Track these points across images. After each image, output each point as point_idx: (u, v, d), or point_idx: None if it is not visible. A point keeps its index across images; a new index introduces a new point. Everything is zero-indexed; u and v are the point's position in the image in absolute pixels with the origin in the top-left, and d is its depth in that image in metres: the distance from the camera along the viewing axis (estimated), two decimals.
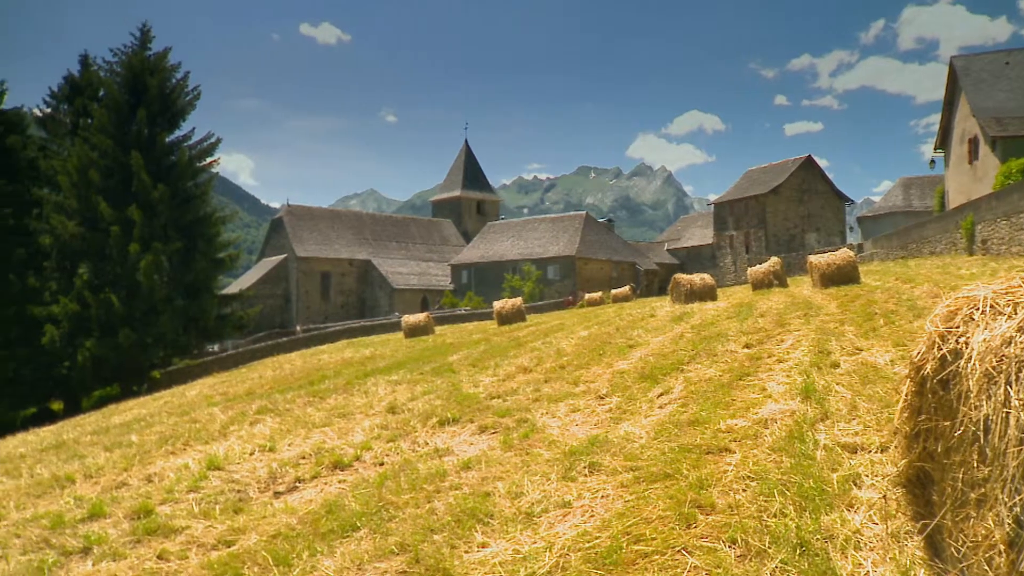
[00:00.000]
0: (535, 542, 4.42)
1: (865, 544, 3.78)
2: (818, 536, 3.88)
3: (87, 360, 37.43)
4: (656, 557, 3.95)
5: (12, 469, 10.81)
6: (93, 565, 5.11)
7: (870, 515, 4.09)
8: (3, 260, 39.71)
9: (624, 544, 4.13)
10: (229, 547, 5.19)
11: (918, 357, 3.05)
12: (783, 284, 23.16)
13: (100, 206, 38.59)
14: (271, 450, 8.30)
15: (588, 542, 4.27)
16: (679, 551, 3.98)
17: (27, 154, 43.06)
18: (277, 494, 6.59)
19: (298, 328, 58.81)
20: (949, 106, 38.51)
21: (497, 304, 29.17)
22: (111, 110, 41.07)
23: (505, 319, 27.79)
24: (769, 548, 3.83)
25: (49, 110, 46.46)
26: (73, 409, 37.75)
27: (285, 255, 69.97)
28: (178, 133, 43.61)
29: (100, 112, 40.86)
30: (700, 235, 79.15)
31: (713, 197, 76.45)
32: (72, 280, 39.76)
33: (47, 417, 33.83)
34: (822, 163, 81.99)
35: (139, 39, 43.49)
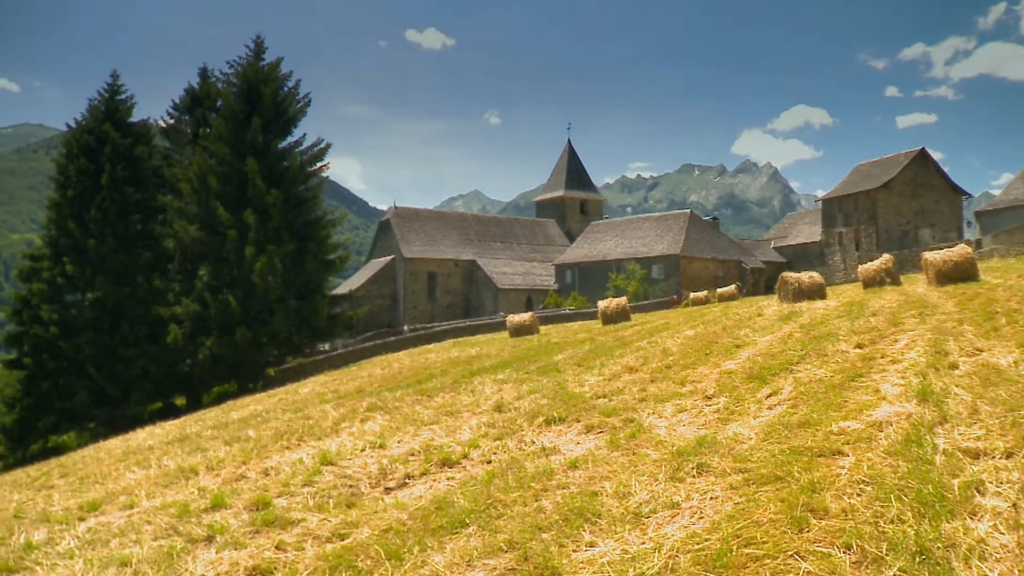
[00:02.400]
0: (643, 543, 4.40)
1: (991, 555, 3.62)
2: (939, 544, 3.74)
3: (207, 358, 39.12)
4: (767, 561, 3.88)
5: (142, 460, 11.43)
6: (216, 553, 5.33)
7: (996, 524, 3.92)
8: (131, 263, 41.99)
9: (734, 547, 4.07)
10: (343, 540, 5.34)
11: None
12: (896, 282, 22.29)
13: (218, 211, 40.27)
14: (381, 447, 8.50)
15: (697, 544, 4.23)
16: (791, 556, 3.91)
17: (152, 163, 45.46)
18: (388, 490, 6.75)
19: (405, 328, 59.92)
20: None
21: (602, 303, 29.06)
22: (228, 119, 42.77)
23: (610, 318, 27.66)
24: (887, 555, 3.71)
25: (172, 121, 48.84)
26: (195, 404, 39.59)
27: (393, 256, 71.36)
28: (290, 139, 45.03)
29: (218, 121, 42.65)
30: (808, 232, 76.90)
31: (821, 193, 74.29)
32: (193, 282, 41.67)
33: (171, 412, 35.57)
34: (936, 156, 78.76)
35: (253, 50, 45.14)
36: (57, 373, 39.52)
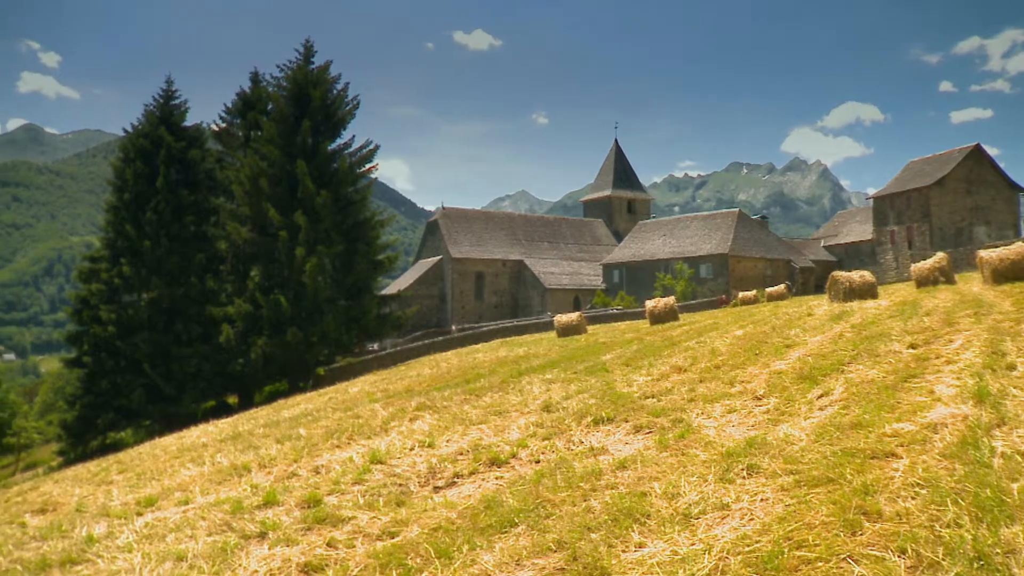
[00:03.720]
0: (693, 544, 4.38)
1: None
2: (998, 550, 3.66)
3: (259, 357, 39.78)
4: (820, 564, 3.84)
5: (196, 457, 11.66)
6: (269, 549, 5.43)
7: None
8: (186, 264, 42.84)
9: (786, 549, 4.03)
10: (393, 538, 5.40)
11: None
12: (950, 281, 21.79)
13: (269, 212, 40.90)
14: (430, 446, 8.56)
15: (748, 546, 4.19)
16: (844, 559, 3.86)
17: (206, 166, 46.37)
18: (437, 488, 6.80)
19: (453, 327, 60.21)
20: None
21: (649, 303, 28.89)
22: (278, 122, 43.40)
23: (657, 318, 27.50)
24: (943, 560, 3.65)
25: (224, 124, 49.72)
26: (247, 403, 40.29)
27: (440, 256, 71.75)
28: (339, 141, 45.59)
29: (268, 124, 43.30)
30: (859, 231, 75.58)
31: (872, 191, 72.76)
32: (245, 282, 42.38)
33: (224, 410, 36.22)
34: (992, 152, 76.47)
35: (302, 54, 45.76)
36: (115, 371, 40.46)
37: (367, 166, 45.81)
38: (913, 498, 4.50)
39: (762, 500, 4.98)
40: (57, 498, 10.49)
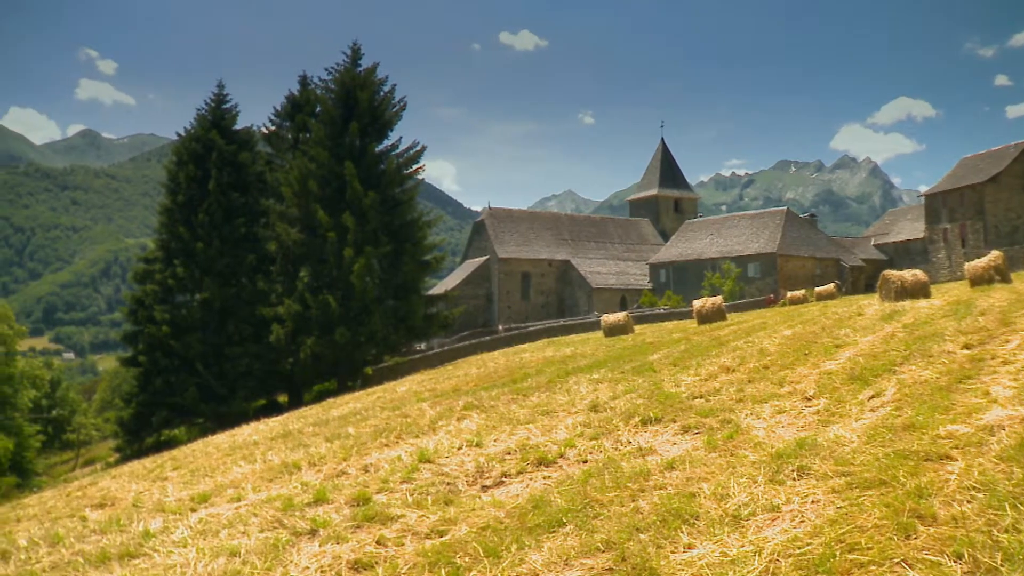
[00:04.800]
0: (743, 545, 4.35)
1: None
2: None
3: (308, 356, 40.27)
4: (873, 568, 3.79)
5: (248, 455, 11.86)
6: (320, 546, 5.51)
7: None
8: (236, 265, 43.59)
9: (838, 552, 3.99)
10: (441, 537, 5.44)
11: None
12: (1006, 280, 21.25)
13: (318, 214, 41.38)
14: (478, 445, 8.61)
15: (799, 548, 4.15)
16: (898, 563, 3.80)
17: (256, 168, 47.10)
18: (484, 488, 6.84)
19: (500, 327, 60.29)
20: None
21: (697, 303, 28.67)
22: (326, 124, 43.89)
23: (705, 318, 27.26)
24: (1001, 566, 3.58)
25: (273, 127, 50.51)
26: (296, 401, 40.84)
27: (487, 256, 71.88)
28: (386, 143, 45.93)
29: (317, 127, 43.82)
30: (910, 229, 74.04)
31: (924, 188, 71.27)
32: (294, 283, 42.90)
33: (274, 408, 36.70)
34: None
35: (350, 57, 46.15)
36: (169, 370, 41.25)
37: (414, 167, 46.07)
38: (969, 502, 4.42)
39: (813, 502, 4.92)
40: (115, 493, 10.75)
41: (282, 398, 45.52)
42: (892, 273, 20.94)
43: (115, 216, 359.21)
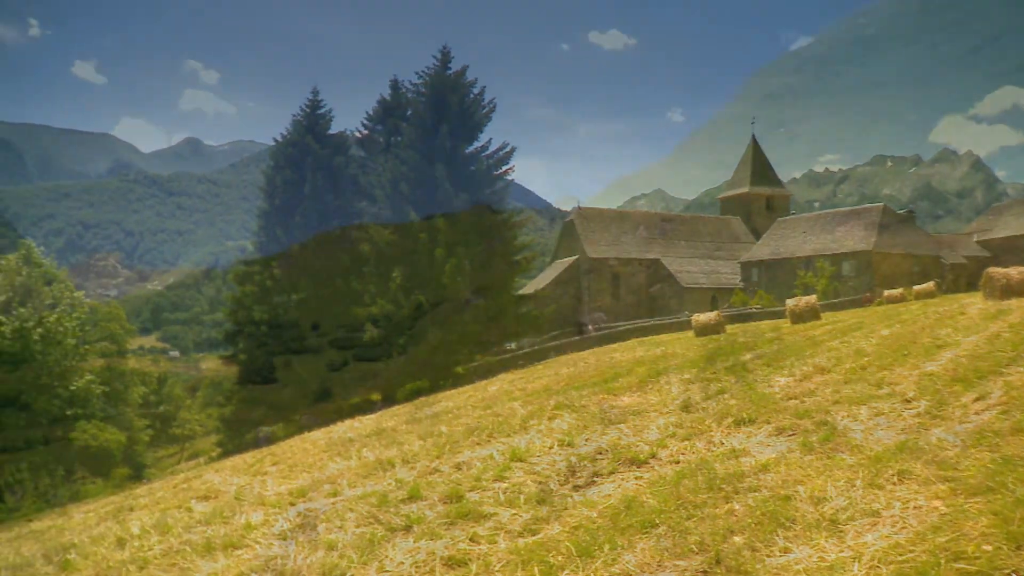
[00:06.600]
0: (841, 551, 4.25)
1: None
2: None
3: (400, 355, 40.94)
4: None
5: (343, 451, 12.14)
6: (414, 542, 5.62)
7: None
8: (331, 266, 44.62)
9: (942, 561, 3.86)
10: (534, 535, 5.48)
11: None
12: None
13: (410, 215, 42.04)
14: (569, 444, 8.61)
15: (900, 555, 4.03)
16: (1008, 575, 3.65)
17: (349, 171, 48.09)
18: (576, 487, 6.84)
19: (590, 327, 60.07)
20: None
21: (790, 302, 28.04)
22: (417, 127, 44.58)
23: (798, 317, 26.64)
24: None
25: (366, 131, 51.46)
26: (389, 400, 41.49)
27: (576, 256, 71.71)
28: (476, 144, 46.33)
29: (408, 130, 44.54)
30: (1016, 224, 70.49)
31: None
32: (387, 283, 43.65)
33: (368, 407, 37.41)
34: None
35: (440, 60, 46.70)
36: (267, 369, 42.51)
37: (504, 168, 46.37)
38: None
39: (915, 508, 4.77)
40: (218, 486, 11.17)
41: (375, 396, 46.38)
42: (997, 270, 20.04)
43: (216, 220, 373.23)
